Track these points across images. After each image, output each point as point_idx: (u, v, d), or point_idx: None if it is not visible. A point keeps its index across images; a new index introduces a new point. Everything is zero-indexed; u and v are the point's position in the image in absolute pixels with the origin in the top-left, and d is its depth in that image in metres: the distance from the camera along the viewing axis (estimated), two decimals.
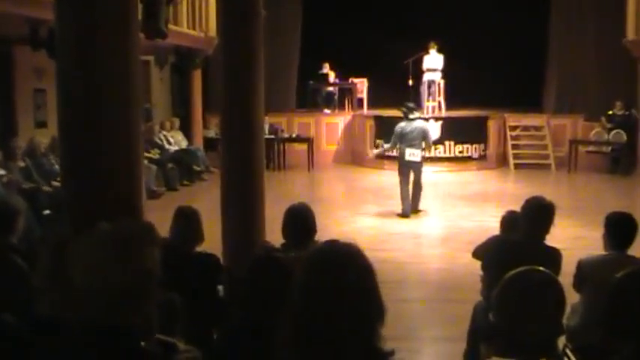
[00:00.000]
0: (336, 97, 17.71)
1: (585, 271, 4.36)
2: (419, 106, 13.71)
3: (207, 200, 9.31)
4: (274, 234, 5.02)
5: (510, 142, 16.42)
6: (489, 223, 7.92)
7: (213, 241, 5.54)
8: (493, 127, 16.36)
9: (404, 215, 10.69)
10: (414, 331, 6.03)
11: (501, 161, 16.43)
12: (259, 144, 6.51)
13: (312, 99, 17.58)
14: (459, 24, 17.65)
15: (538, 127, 16.83)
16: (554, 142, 16.42)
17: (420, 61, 16.23)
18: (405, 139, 10.75)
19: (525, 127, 16.82)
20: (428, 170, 11.78)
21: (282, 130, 16.50)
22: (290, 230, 4.44)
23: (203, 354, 2.43)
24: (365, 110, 17.36)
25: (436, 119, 15.57)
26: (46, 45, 8.41)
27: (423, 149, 10.80)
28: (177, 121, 15.19)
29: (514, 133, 16.59)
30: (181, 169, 13.83)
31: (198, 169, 14.31)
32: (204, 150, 15.13)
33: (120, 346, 1.83)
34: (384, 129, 15.32)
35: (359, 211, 11.25)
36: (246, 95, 6.25)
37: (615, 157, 15.33)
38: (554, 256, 4.51)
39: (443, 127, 15.54)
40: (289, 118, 17.34)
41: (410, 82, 16.13)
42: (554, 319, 4.35)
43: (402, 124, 10.92)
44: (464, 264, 7.24)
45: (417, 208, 10.93)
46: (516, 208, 4.86)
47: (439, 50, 16.12)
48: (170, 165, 13.44)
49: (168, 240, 4.43)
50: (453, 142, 15.62)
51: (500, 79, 17.24)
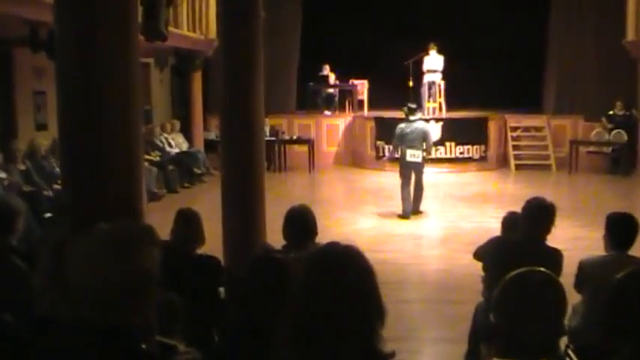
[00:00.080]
0: (337, 98, 17.67)
1: (586, 272, 4.36)
2: (419, 107, 13.70)
3: (207, 202, 9.31)
4: (275, 235, 5.01)
5: (511, 143, 16.40)
6: (490, 224, 7.92)
7: (213, 243, 5.54)
8: (493, 127, 16.34)
9: (404, 216, 10.68)
10: (414, 332, 6.02)
11: (502, 162, 16.42)
12: (259, 145, 6.52)
13: (312, 100, 17.56)
14: (458, 25, 17.64)
15: (538, 128, 16.82)
16: (554, 143, 16.40)
17: (421, 63, 16.22)
18: (405, 140, 10.74)
19: (526, 128, 16.80)
20: (429, 171, 11.77)
21: (283, 132, 16.50)
22: (290, 231, 4.45)
23: (203, 355, 2.42)
24: (365, 112, 17.33)
25: (436, 120, 15.55)
26: (46, 46, 8.41)
27: (424, 150, 10.80)
28: (177, 124, 15.18)
29: (515, 133, 16.57)
30: (182, 171, 13.83)
31: (198, 171, 14.30)
32: (204, 152, 15.11)
33: (120, 347, 1.83)
34: (384, 130, 15.33)
35: (359, 213, 11.25)
36: (246, 97, 6.25)
37: (616, 157, 15.31)
38: (555, 257, 4.51)
39: (443, 128, 15.53)
40: (289, 119, 17.33)
41: (410, 84, 16.10)
42: (555, 319, 4.35)
43: (402, 125, 10.91)
44: (464, 265, 7.24)
45: (418, 209, 10.92)
46: (517, 208, 4.85)
47: (439, 51, 16.11)
48: (170, 167, 13.44)
49: (169, 242, 4.43)
50: (453, 143, 15.60)
51: (501, 79, 17.22)
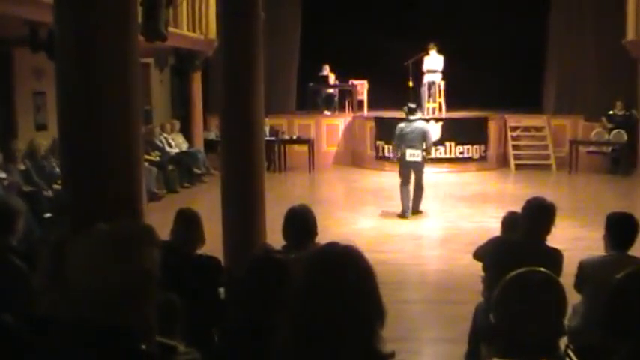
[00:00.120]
0: (336, 98, 17.67)
1: (586, 272, 4.36)
2: (420, 107, 13.69)
3: (207, 202, 9.32)
4: (275, 235, 5.01)
5: (511, 143, 16.40)
6: (490, 224, 7.92)
7: (213, 243, 5.54)
8: (493, 127, 16.34)
9: (403, 216, 10.69)
10: (414, 332, 6.02)
11: (502, 162, 16.41)
12: (259, 146, 6.52)
13: (312, 101, 17.55)
14: (458, 25, 17.65)
15: (538, 128, 16.81)
16: (554, 143, 16.40)
17: (420, 63, 16.21)
18: (405, 139, 10.74)
19: (526, 128, 16.80)
20: (428, 171, 11.75)
21: (283, 132, 16.50)
22: (290, 232, 4.44)
23: (203, 355, 2.42)
24: (365, 112, 17.33)
25: (436, 120, 15.53)
26: (46, 47, 8.41)
27: (423, 150, 10.79)
28: (177, 124, 15.17)
29: (514, 133, 16.57)
30: (182, 171, 13.83)
31: (198, 171, 14.29)
32: (204, 152, 15.11)
33: (120, 347, 1.83)
34: (384, 130, 15.33)
35: (359, 213, 11.25)
36: (246, 97, 6.26)
37: (616, 157, 15.31)
38: (555, 257, 4.51)
39: (443, 128, 15.52)
40: (289, 119, 17.33)
41: (410, 84, 16.10)
42: (554, 319, 4.35)
43: (402, 124, 10.91)
44: (464, 265, 7.24)
45: (418, 209, 10.91)
46: (517, 209, 4.85)
47: (439, 51, 16.10)
48: (170, 167, 13.44)
49: (169, 242, 4.43)
50: (453, 143, 15.59)
51: (501, 79, 17.21)
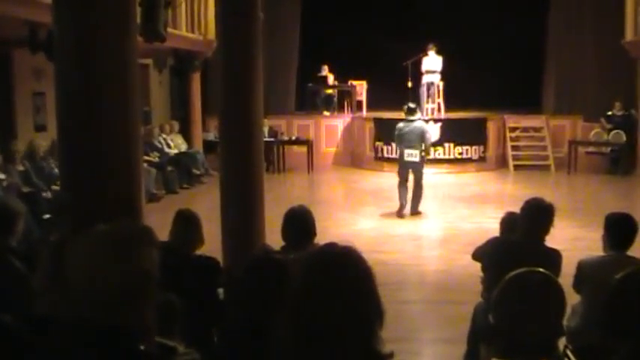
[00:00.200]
0: (336, 99, 17.68)
1: (585, 272, 4.36)
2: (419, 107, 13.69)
3: (206, 203, 9.32)
4: (274, 236, 5.02)
5: (510, 144, 16.40)
6: (489, 224, 7.91)
7: (213, 244, 5.54)
8: (492, 128, 16.34)
9: (400, 213, 10.71)
10: (413, 333, 6.02)
11: (501, 162, 16.42)
12: (258, 146, 6.52)
13: (311, 101, 17.56)
14: (457, 25, 17.65)
15: (537, 128, 16.82)
16: (553, 143, 16.40)
17: (419, 63, 16.18)
18: (403, 139, 10.75)
19: (525, 128, 16.80)
20: (427, 172, 11.76)
21: (282, 133, 16.50)
22: (289, 232, 4.44)
23: (203, 356, 2.42)
24: (364, 112, 17.34)
25: (435, 121, 15.54)
26: (45, 47, 8.41)
27: (422, 150, 10.79)
28: (176, 125, 15.17)
29: (513, 134, 16.57)
30: (181, 172, 13.82)
31: (197, 172, 14.29)
32: (203, 153, 15.12)
33: (119, 347, 1.83)
34: (383, 131, 15.35)
35: (358, 213, 11.25)
36: (245, 97, 6.25)
37: (615, 157, 15.32)
38: (554, 257, 4.51)
39: (442, 128, 15.52)
40: (288, 120, 17.33)
41: (409, 84, 16.10)
42: (553, 320, 4.35)
43: (401, 124, 10.92)
44: (463, 265, 7.24)
45: (417, 209, 10.91)
46: (516, 209, 4.85)
47: (438, 52, 16.09)
48: (169, 168, 13.44)
49: (168, 243, 4.43)
50: (452, 144, 15.59)
51: (500, 80, 17.23)
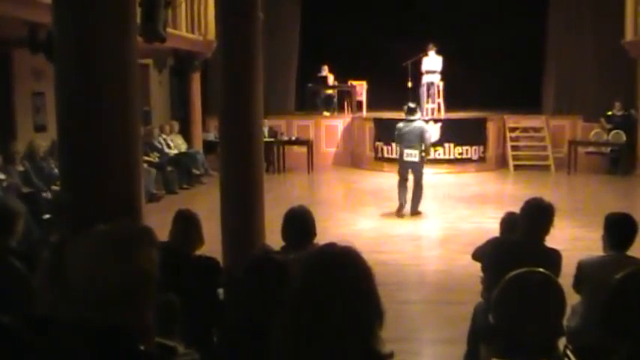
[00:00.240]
0: (336, 99, 17.68)
1: (585, 272, 4.36)
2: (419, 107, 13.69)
3: (206, 203, 9.32)
4: (274, 236, 5.02)
5: (510, 144, 16.40)
6: (489, 224, 7.91)
7: (213, 244, 5.54)
8: (492, 128, 16.33)
9: (399, 212, 10.71)
10: (413, 333, 6.02)
11: (501, 163, 16.41)
12: (258, 146, 6.52)
13: (311, 101, 17.56)
14: (457, 25, 17.66)
15: (537, 129, 16.82)
16: (553, 143, 16.40)
17: (419, 63, 16.18)
18: (403, 139, 10.76)
19: (524, 129, 16.80)
20: (427, 172, 11.76)
21: (282, 133, 16.50)
22: (289, 233, 4.44)
23: (203, 356, 2.42)
24: (364, 113, 17.34)
25: (435, 121, 15.54)
26: (45, 48, 8.40)
27: (422, 150, 10.79)
28: (176, 125, 15.17)
29: (513, 134, 16.57)
30: (181, 172, 13.82)
31: (197, 172, 14.29)
32: (203, 153, 15.11)
33: (119, 347, 1.83)
34: (383, 131, 15.35)
35: (358, 213, 11.25)
36: (245, 98, 6.25)
37: (614, 157, 15.32)
38: (553, 258, 4.51)
39: (442, 129, 15.52)
40: (288, 120, 17.34)
41: (409, 84, 16.09)
42: (554, 319, 4.35)
43: (401, 124, 10.93)
44: (463, 266, 7.24)
45: (417, 209, 10.91)
46: (516, 209, 4.85)
47: (438, 52, 16.09)
48: (169, 168, 13.44)
49: (168, 243, 4.43)
50: (452, 144, 15.59)
51: (500, 80, 17.24)
